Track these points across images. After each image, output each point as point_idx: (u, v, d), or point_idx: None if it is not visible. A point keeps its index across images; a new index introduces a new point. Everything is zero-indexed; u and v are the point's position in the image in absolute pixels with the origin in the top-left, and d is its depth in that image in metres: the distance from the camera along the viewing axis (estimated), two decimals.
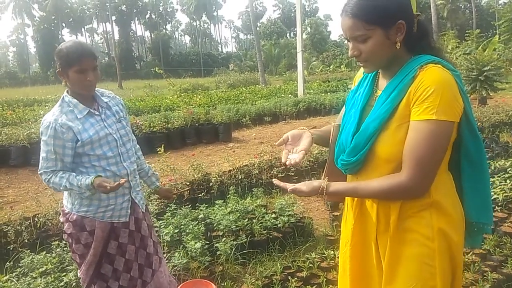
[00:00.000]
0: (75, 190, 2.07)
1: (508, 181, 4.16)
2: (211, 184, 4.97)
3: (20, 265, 3.14)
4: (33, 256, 3.19)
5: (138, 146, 2.48)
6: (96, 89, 2.22)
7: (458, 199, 1.44)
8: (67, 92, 2.16)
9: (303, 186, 1.47)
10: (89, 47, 2.13)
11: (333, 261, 3.07)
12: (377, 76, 1.51)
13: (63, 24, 70.32)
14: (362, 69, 1.61)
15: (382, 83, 1.48)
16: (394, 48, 1.36)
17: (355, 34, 1.35)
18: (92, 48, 2.19)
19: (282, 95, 16.52)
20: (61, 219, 2.23)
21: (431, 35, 1.45)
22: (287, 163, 1.53)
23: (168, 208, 3.99)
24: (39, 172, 2.13)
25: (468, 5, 49.81)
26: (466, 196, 1.44)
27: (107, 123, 2.17)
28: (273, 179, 1.60)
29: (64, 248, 3.30)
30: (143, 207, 2.35)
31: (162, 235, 3.43)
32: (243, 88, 20.98)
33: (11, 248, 3.57)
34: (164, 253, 3.04)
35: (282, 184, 1.51)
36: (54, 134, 2.02)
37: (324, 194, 1.43)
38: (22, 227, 3.79)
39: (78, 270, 2.24)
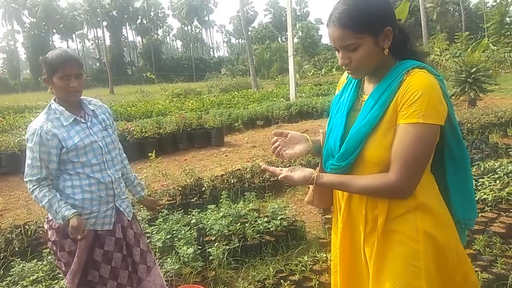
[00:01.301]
0: (51, 213, 2.09)
1: (497, 181, 4.20)
2: (203, 188, 4.96)
3: (11, 273, 3.12)
4: (24, 264, 3.18)
5: (124, 154, 2.48)
6: (84, 97, 2.24)
7: (442, 199, 1.46)
8: (54, 99, 2.17)
9: (294, 174, 1.47)
10: (74, 54, 2.15)
11: (325, 264, 3.09)
12: (362, 81, 1.54)
13: (54, 30, 69.97)
14: (345, 74, 1.63)
15: (368, 87, 1.50)
16: (382, 55, 1.39)
17: (345, 43, 1.36)
18: (78, 56, 2.21)
19: (274, 99, 16.56)
20: (45, 226, 2.22)
21: (413, 40, 1.48)
22: (273, 150, 1.56)
23: (160, 213, 3.98)
24: (24, 180, 2.12)
25: (457, 7, 50.37)
26: (452, 196, 1.47)
27: (93, 130, 2.19)
28: (261, 164, 1.61)
29: None
30: (129, 215, 2.34)
31: (154, 241, 3.42)
32: (235, 93, 21.01)
33: (1, 257, 3.54)
34: (156, 259, 3.02)
35: (271, 169, 1.51)
36: (39, 141, 2.04)
37: (314, 184, 1.45)
38: (13, 235, 3.76)
39: (65, 279, 2.22)
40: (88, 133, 2.16)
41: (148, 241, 3.27)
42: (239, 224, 3.73)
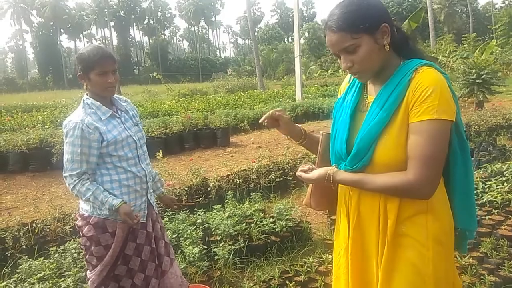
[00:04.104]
0: (96, 204, 2.11)
1: (505, 184, 4.17)
2: (209, 189, 4.98)
3: (18, 271, 3.14)
4: (31, 262, 3.19)
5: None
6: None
7: (449, 204, 1.45)
8: (87, 95, 2.21)
9: (311, 175, 1.50)
10: (109, 50, 2.20)
11: (330, 265, 3.07)
12: (365, 82, 1.52)
13: (62, 30, 70.45)
14: (347, 78, 1.63)
15: (372, 89, 1.49)
16: (384, 51, 1.38)
17: (344, 46, 1.36)
18: (112, 52, 2.25)
19: (280, 99, 16.54)
20: (79, 223, 2.23)
21: (413, 40, 1.48)
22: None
23: (166, 213, 4.00)
24: (64, 175, 2.13)
25: (465, 9, 50.09)
26: (455, 202, 1.45)
27: (126, 125, 2.25)
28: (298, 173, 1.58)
29: (62, 254, 3.30)
30: (156, 208, 2.42)
31: None
32: (241, 93, 21.01)
33: (9, 254, 3.57)
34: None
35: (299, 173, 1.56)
36: (81, 134, 2.06)
37: (331, 181, 1.44)
38: (20, 233, 3.79)
39: (89, 271, 2.24)
40: (123, 127, 2.22)
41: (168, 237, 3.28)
42: (244, 224, 3.73)
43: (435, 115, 1.27)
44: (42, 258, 3.28)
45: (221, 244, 3.35)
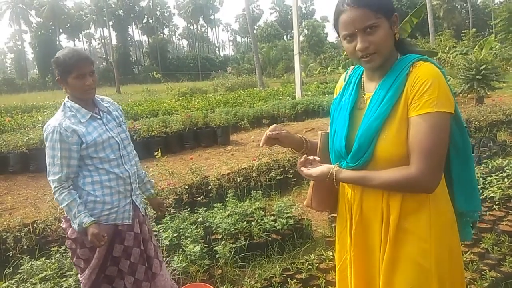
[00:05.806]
0: (69, 216, 2.12)
1: (505, 179, 4.17)
2: (209, 187, 4.98)
3: (20, 271, 3.15)
4: (33, 262, 3.20)
5: (135, 152, 2.51)
6: (96, 95, 2.27)
7: (448, 195, 1.45)
8: (68, 97, 2.20)
9: (313, 171, 1.48)
10: (84, 52, 2.19)
11: (332, 263, 3.08)
12: (362, 80, 1.52)
13: (61, 30, 70.37)
14: (342, 77, 1.63)
15: (369, 85, 1.48)
16: (393, 42, 1.40)
17: (366, 24, 1.33)
18: (88, 53, 2.26)
19: (280, 97, 16.53)
20: (63, 225, 2.24)
21: (407, 41, 1.50)
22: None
23: (167, 212, 4.00)
24: (48, 179, 2.15)
25: (464, 4, 50.01)
26: (456, 187, 1.45)
27: (109, 126, 2.24)
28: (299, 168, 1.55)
29: (63, 254, 3.30)
30: (143, 210, 2.40)
31: (161, 239, 3.44)
32: (241, 91, 21.01)
33: (10, 255, 3.57)
34: (163, 257, 3.04)
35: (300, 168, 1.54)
36: (59, 138, 2.06)
37: (334, 180, 1.43)
38: (21, 234, 3.80)
39: (79, 275, 2.24)
40: (104, 129, 2.21)
41: (156, 239, 3.28)
42: (245, 222, 3.73)
43: (434, 108, 1.27)
44: (44, 258, 3.29)
45: (222, 243, 3.35)
